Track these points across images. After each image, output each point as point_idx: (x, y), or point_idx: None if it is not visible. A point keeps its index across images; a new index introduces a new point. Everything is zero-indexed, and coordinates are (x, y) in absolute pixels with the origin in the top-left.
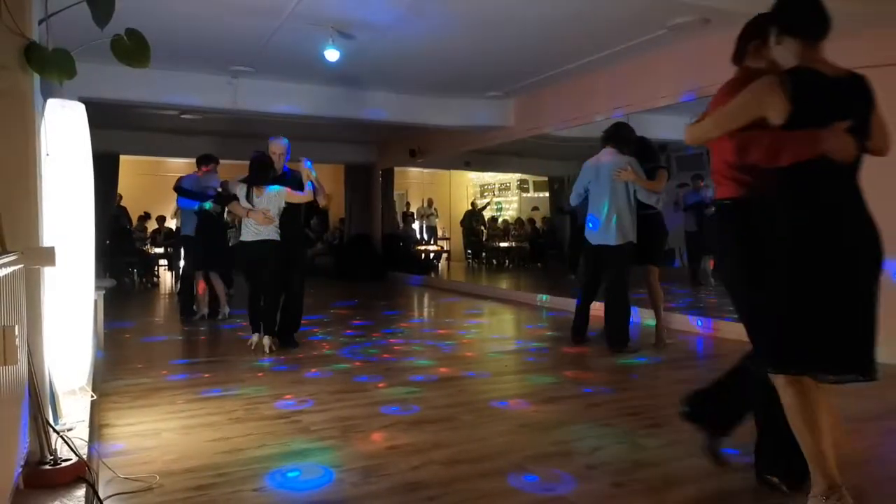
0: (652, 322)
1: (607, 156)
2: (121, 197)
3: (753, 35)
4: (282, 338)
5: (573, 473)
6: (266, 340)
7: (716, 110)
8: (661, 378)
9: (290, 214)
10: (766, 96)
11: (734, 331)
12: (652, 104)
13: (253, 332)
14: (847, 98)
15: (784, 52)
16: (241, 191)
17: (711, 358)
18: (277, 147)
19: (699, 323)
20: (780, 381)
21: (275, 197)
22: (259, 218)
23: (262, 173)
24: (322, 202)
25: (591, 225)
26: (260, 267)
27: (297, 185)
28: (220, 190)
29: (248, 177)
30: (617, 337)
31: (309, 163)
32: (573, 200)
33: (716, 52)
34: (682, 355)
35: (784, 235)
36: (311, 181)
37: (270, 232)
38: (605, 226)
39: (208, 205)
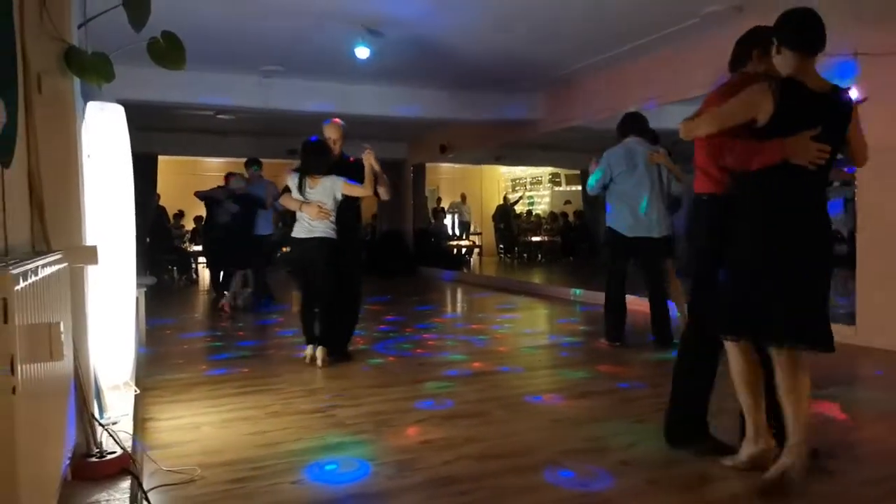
0: None
1: (637, 144)
2: (159, 196)
3: (756, 44)
4: (331, 348)
5: (608, 469)
6: (319, 353)
7: (711, 108)
8: None
9: (347, 209)
10: (760, 99)
11: None
12: (685, 94)
13: (307, 343)
14: (823, 110)
15: (781, 62)
16: (293, 181)
17: None
18: (334, 131)
19: None
20: (729, 345)
21: (331, 188)
22: (313, 212)
23: (316, 160)
24: (384, 195)
25: (622, 216)
26: (312, 268)
27: (357, 175)
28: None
29: (300, 165)
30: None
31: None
32: (595, 190)
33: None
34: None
35: (749, 229)
36: (375, 172)
37: (325, 228)
38: (647, 217)
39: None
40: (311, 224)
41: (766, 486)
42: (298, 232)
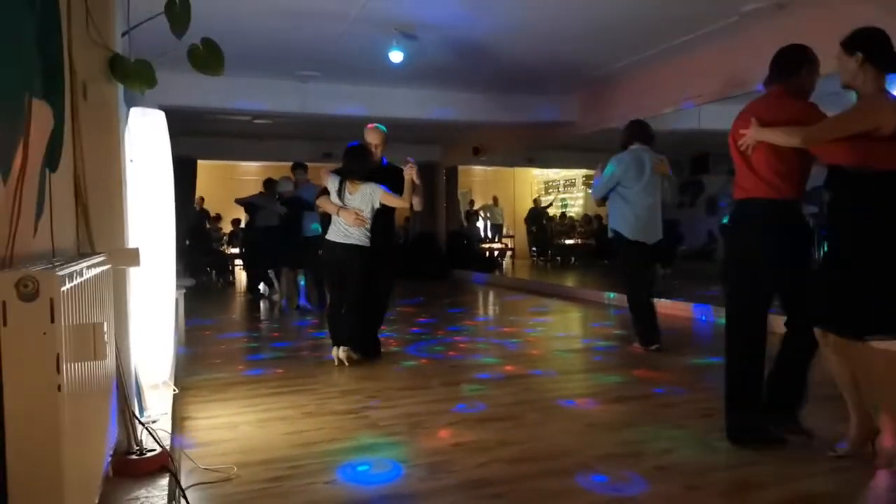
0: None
1: (643, 151)
2: (203, 199)
3: (810, 62)
4: (355, 349)
5: (643, 475)
6: (341, 353)
7: (834, 118)
8: None
9: (383, 218)
10: (887, 111)
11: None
12: (725, 94)
13: (333, 345)
14: None
15: (863, 77)
16: (332, 184)
17: None
18: (375, 136)
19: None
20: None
21: (370, 196)
22: (350, 218)
23: (357, 165)
24: (417, 206)
25: (627, 220)
26: (343, 272)
27: (395, 181)
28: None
29: (341, 168)
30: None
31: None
32: (600, 193)
33: (792, 38)
34: None
35: (865, 227)
36: (414, 185)
37: (360, 235)
38: (650, 222)
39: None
40: (348, 230)
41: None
42: (334, 235)
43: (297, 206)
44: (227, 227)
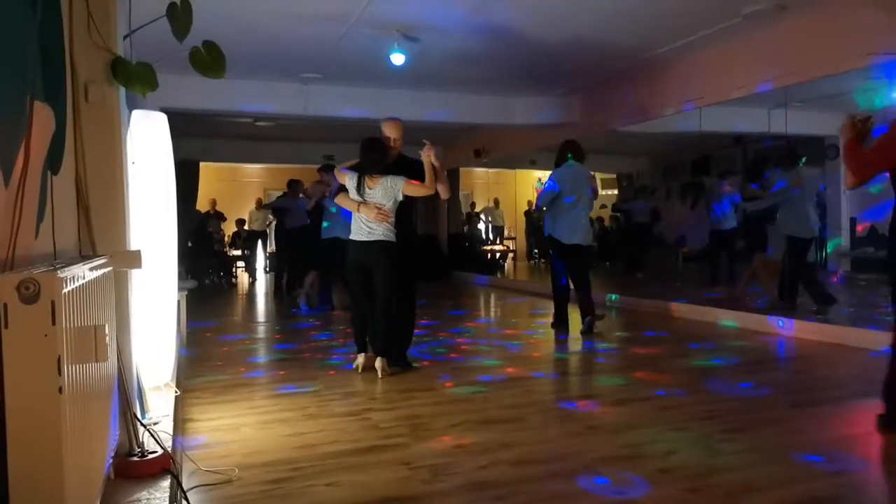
0: (730, 322)
1: (578, 167)
2: (214, 202)
3: None
4: (392, 358)
5: (646, 477)
6: (378, 363)
7: None
8: (738, 381)
9: (404, 210)
10: None
11: (817, 331)
12: (726, 95)
13: (358, 351)
14: None
15: None
16: (350, 180)
17: (792, 360)
18: (393, 129)
19: (780, 324)
20: None
21: (391, 188)
22: (372, 214)
23: (375, 157)
24: (444, 194)
25: (563, 227)
26: (371, 272)
27: (415, 176)
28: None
29: (358, 163)
30: (591, 320)
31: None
32: (544, 204)
33: (793, 40)
34: (761, 357)
35: None
36: (435, 168)
37: (386, 231)
38: (582, 228)
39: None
40: (370, 226)
41: None
42: (357, 234)
43: (321, 210)
44: (230, 229)
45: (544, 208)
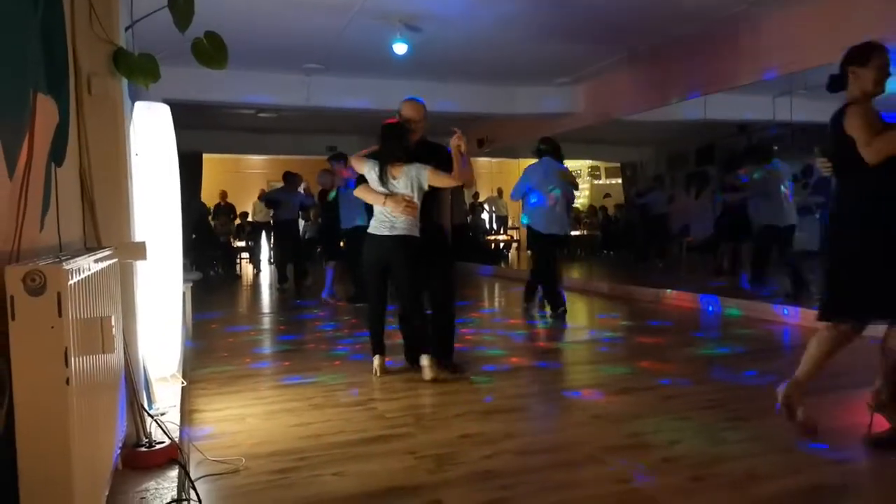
0: (735, 310)
1: (551, 162)
2: (225, 193)
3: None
4: (438, 354)
5: (650, 466)
6: (425, 361)
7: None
8: (742, 370)
9: (432, 201)
10: None
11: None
12: (731, 83)
13: (373, 354)
14: None
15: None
16: (371, 170)
17: (796, 348)
18: (414, 110)
19: (785, 312)
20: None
21: (416, 178)
22: (400, 207)
23: (398, 144)
24: (469, 184)
25: (539, 218)
26: (391, 269)
27: (443, 162)
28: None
29: (379, 151)
30: (560, 302)
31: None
32: (516, 197)
33: (800, 27)
34: (766, 346)
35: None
36: (462, 154)
37: (410, 225)
38: (558, 219)
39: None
40: (394, 220)
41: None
42: (379, 228)
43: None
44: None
45: (521, 200)
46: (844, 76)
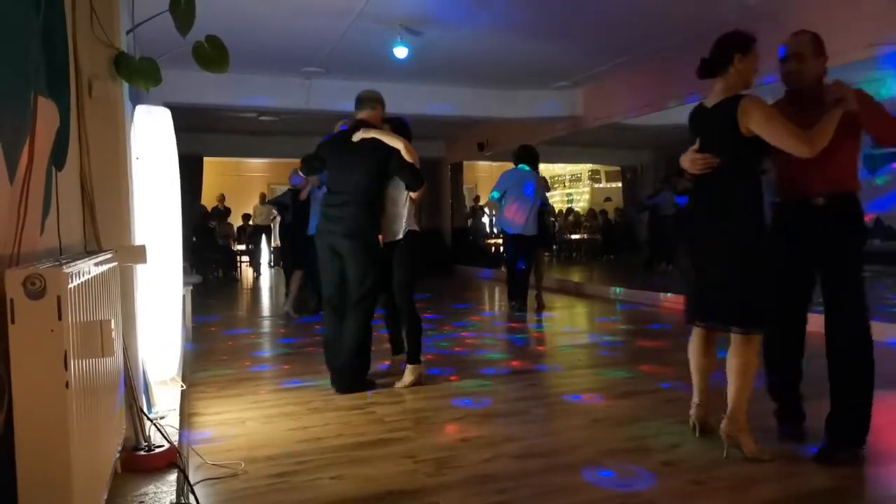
0: None
1: (524, 169)
2: (223, 196)
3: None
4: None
5: (650, 470)
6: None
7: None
8: None
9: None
10: None
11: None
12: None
13: (394, 353)
14: None
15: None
16: None
17: None
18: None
19: None
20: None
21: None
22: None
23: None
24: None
25: (509, 220)
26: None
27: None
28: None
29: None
30: (525, 297)
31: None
32: (494, 201)
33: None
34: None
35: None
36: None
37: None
38: (525, 221)
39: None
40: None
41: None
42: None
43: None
44: (235, 223)
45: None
46: (726, 61)
